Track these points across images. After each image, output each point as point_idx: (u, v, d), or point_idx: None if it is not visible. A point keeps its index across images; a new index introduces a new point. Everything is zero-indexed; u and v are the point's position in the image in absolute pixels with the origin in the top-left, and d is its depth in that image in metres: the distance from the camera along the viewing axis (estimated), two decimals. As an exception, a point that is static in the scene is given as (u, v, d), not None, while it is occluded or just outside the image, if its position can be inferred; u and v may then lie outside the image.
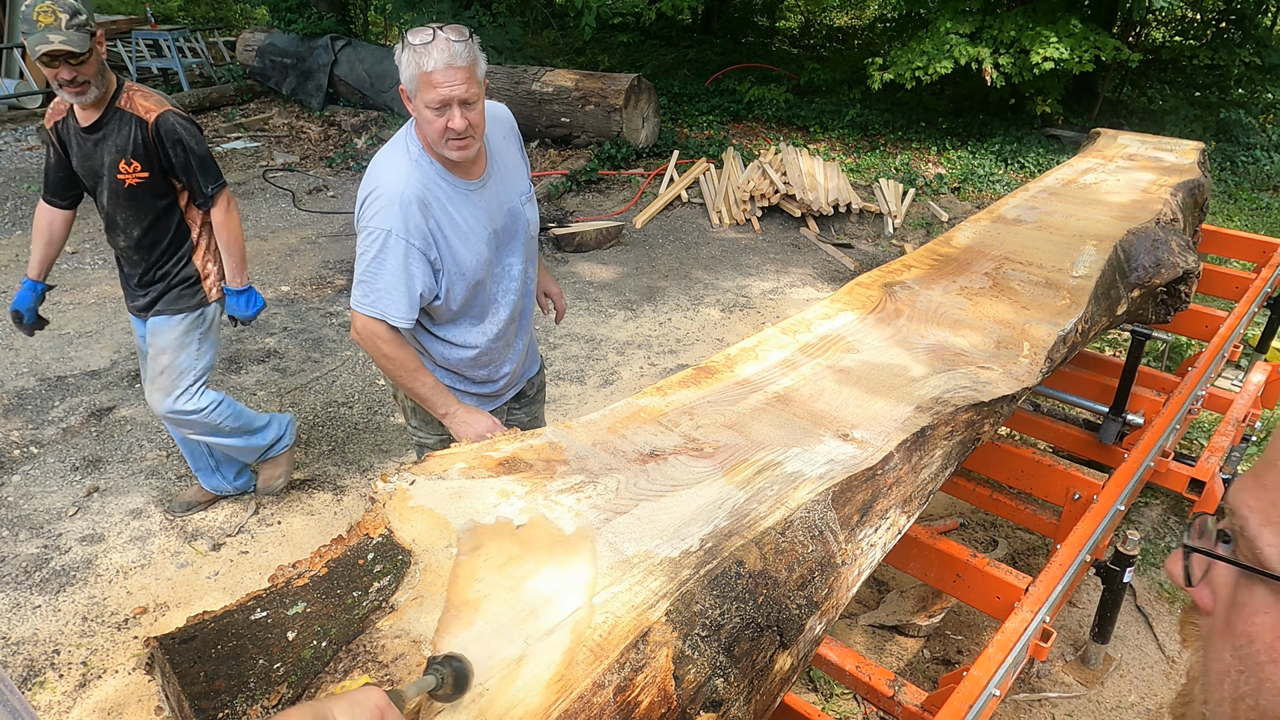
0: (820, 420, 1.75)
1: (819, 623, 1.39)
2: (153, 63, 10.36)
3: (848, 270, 6.06)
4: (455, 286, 2.12)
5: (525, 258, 2.30)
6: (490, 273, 2.19)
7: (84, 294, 5.23)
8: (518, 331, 2.38)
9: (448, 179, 2.06)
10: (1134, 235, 2.82)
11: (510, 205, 2.20)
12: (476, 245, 2.11)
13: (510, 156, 2.24)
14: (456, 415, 2.15)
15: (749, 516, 1.41)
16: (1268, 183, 8.28)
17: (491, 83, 8.34)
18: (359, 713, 0.78)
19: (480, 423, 2.15)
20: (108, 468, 3.62)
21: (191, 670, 1.10)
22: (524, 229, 2.26)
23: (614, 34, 12.97)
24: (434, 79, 1.88)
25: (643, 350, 4.84)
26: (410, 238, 1.98)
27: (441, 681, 1.02)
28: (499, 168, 2.18)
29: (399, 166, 2.02)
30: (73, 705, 2.53)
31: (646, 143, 8.21)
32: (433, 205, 2.02)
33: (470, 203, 2.09)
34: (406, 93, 1.96)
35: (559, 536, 1.33)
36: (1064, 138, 8.88)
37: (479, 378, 2.34)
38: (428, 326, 2.22)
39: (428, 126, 1.95)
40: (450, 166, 2.06)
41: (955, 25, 7.89)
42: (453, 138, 1.95)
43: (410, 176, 2.00)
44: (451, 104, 1.90)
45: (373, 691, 0.81)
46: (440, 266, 2.07)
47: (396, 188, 1.98)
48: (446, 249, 2.06)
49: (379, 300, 2.02)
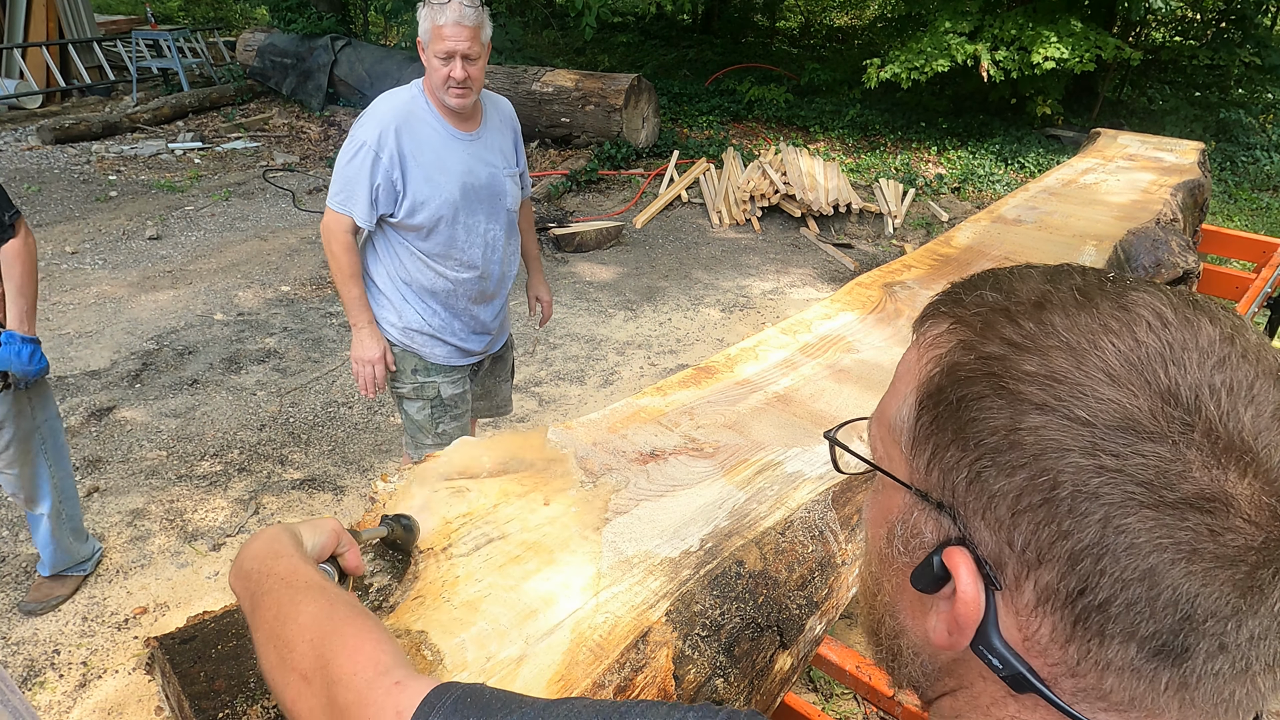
0: (821, 420, 1.75)
1: (819, 623, 1.39)
2: (153, 63, 10.37)
3: (848, 270, 6.06)
4: (418, 213, 2.36)
5: (501, 226, 2.54)
6: (456, 217, 2.42)
7: (84, 294, 5.23)
8: (492, 293, 2.61)
9: (439, 120, 2.36)
10: (1134, 235, 2.82)
11: (493, 170, 2.46)
12: (445, 184, 2.36)
13: (502, 139, 2.52)
14: (360, 331, 2.48)
15: (749, 516, 1.41)
16: (1268, 183, 8.28)
17: (492, 82, 8.35)
18: (320, 531, 0.92)
19: (373, 349, 2.48)
20: (108, 468, 3.62)
21: (191, 670, 1.10)
22: (501, 197, 2.50)
23: (614, 34, 12.97)
24: (444, 32, 2.19)
25: (643, 350, 4.84)
26: (380, 150, 2.28)
27: (391, 532, 1.18)
28: (490, 136, 2.47)
29: (395, 97, 2.36)
30: (73, 705, 2.52)
31: (646, 143, 8.21)
32: (410, 133, 2.31)
33: (453, 148, 2.38)
34: (421, 43, 2.27)
35: (558, 537, 1.33)
36: (1064, 138, 8.89)
37: (444, 322, 2.55)
38: (411, 244, 2.46)
39: (434, 74, 2.27)
40: (446, 115, 2.37)
41: (955, 25, 7.89)
42: (453, 85, 2.26)
43: (399, 106, 2.32)
44: (455, 56, 2.21)
45: (331, 520, 0.95)
46: (401, 187, 2.33)
47: (382, 110, 2.32)
48: (412, 174, 2.32)
49: (347, 200, 2.32)
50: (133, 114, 8.93)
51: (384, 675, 0.66)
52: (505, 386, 2.94)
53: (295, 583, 0.78)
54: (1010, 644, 0.47)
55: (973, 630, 0.48)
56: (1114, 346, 0.45)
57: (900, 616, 0.56)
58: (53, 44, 9.79)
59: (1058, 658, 0.46)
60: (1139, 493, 0.42)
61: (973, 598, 0.47)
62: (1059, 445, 0.44)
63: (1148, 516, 0.42)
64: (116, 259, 5.79)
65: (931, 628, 0.51)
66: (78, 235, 6.16)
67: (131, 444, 3.79)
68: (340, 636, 0.71)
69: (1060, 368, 0.45)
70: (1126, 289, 0.49)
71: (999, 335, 0.48)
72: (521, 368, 4.56)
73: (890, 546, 0.55)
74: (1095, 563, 0.43)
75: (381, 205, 2.34)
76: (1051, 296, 0.49)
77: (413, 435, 2.71)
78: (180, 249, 6.04)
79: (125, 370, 4.38)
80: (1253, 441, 0.42)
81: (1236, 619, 0.43)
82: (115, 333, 4.77)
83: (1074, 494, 0.43)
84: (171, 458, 3.70)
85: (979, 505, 0.47)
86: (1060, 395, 0.45)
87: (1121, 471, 0.43)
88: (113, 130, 8.63)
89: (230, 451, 3.76)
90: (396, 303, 2.50)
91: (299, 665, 0.70)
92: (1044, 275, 0.51)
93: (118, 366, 4.42)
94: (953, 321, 0.52)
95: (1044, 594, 0.46)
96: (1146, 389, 0.44)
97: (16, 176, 7.28)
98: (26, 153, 7.94)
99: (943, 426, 0.49)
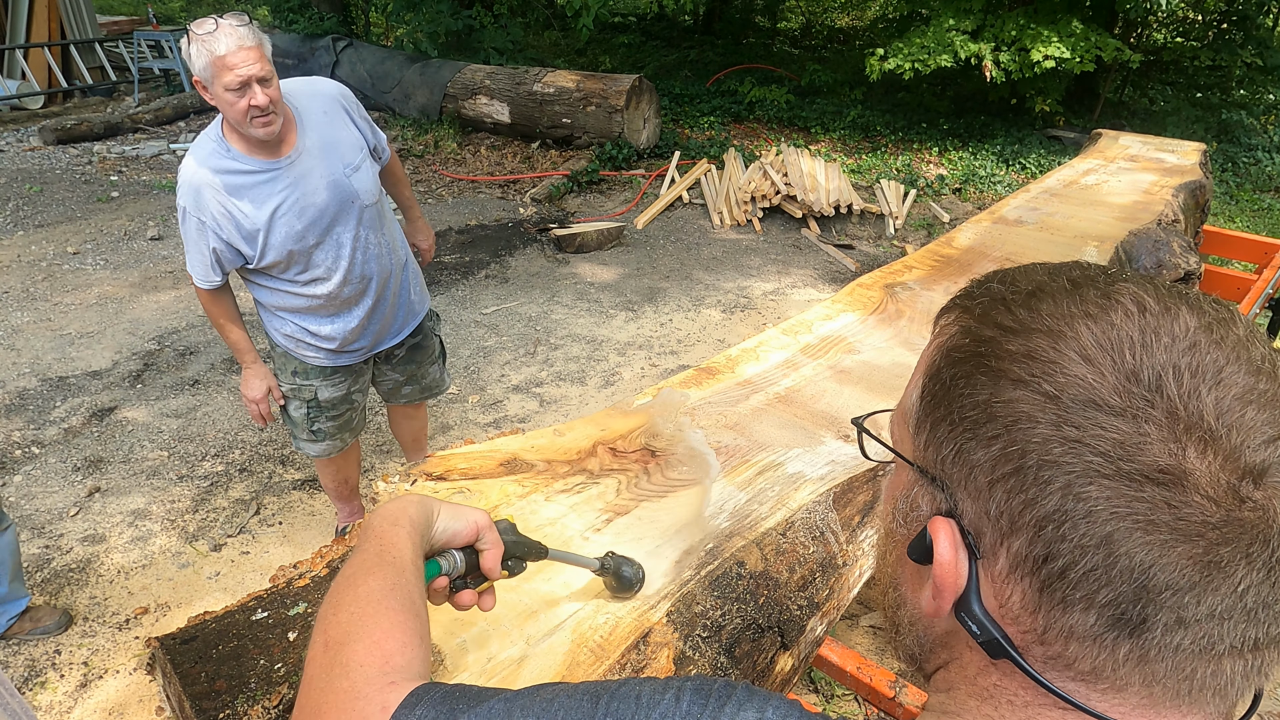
0: (822, 421, 1.75)
1: (820, 624, 1.39)
2: (155, 63, 10.37)
3: (849, 271, 6.06)
4: (265, 256, 2.29)
5: (366, 227, 2.43)
6: (306, 244, 2.32)
7: (85, 294, 5.23)
8: (365, 295, 2.51)
9: (246, 162, 2.19)
10: (1135, 236, 2.82)
11: (332, 178, 2.32)
12: (281, 223, 2.25)
13: (333, 131, 2.34)
14: (247, 370, 2.55)
15: (750, 517, 1.41)
16: (1269, 184, 8.27)
17: (492, 83, 8.35)
18: (459, 518, 0.87)
19: (257, 387, 2.56)
20: (109, 468, 3.63)
21: (192, 670, 1.10)
22: (351, 201, 2.37)
23: (615, 35, 12.97)
24: (228, 61, 2.02)
25: (644, 351, 4.84)
26: (201, 214, 2.19)
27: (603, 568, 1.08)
28: (315, 144, 2.29)
29: (200, 150, 2.20)
30: (74, 705, 2.53)
31: (648, 143, 8.21)
32: (223, 188, 2.18)
33: (275, 182, 2.22)
34: (202, 83, 2.09)
35: (559, 537, 1.33)
36: (1065, 139, 8.88)
37: (324, 333, 2.50)
38: (270, 278, 2.41)
39: (230, 110, 2.08)
40: (251, 149, 2.19)
41: (958, 22, 7.88)
42: (256, 115, 2.08)
43: (205, 161, 2.17)
44: (250, 82, 2.04)
45: (482, 514, 0.89)
46: (240, 244, 2.25)
47: (187, 174, 2.18)
48: (244, 229, 2.22)
49: (193, 265, 2.31)
50: (135, 114, 8.94)
51: (384, 675, 0.67)
52: (433, 369, 2.92)
53: (385, 554, 0.78)
54: (989, 611, 0.49)
55: (952, 596, 0.50)
56: (1089, 330, 0.47)
57: (901, 588, 0.59)
58: (55, 44, 9.80)
59: (1028, 625, 0.48)
60: (1098, 462, 0.44)
61: (949, 562, 0.50)
62: (1029, 417, 0.46)
63: (1106, 486, 0.44)
64: (118, 259, 5.80)
65: (924, 598, 0.54)
66: (79, 235, 6.16)
67: (133, 444, 3.79)
68: (374, 624, 0.71)
69: (1038, 346, 0.48)
70: (1116, 280, 0.51)
71: (994, 321, 0.51)
72: (522, 368, 4.56)
73: (894, 521, 0.58)
74: (1057, 529, 0.45)
75: (227, 263, 2.30)
76: (1046, 286, 0.52)
77: (290, 430, 2.77)
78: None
79: (127, 370, 4.38)
80: (1214, 422, 0.44)
81: (1195, 593, 0.44)
82: (117, 333, 4.77)
83: (1039, 463, 0.46)
84: (173, 458, 3.70)
85: (962, 476, 0.50)
86: (1034, 372, 0.47)
87: (1082, 442, 0.45)
88: (114, 131, 8.64)
89: (231, 452, 3.77)
90: (275, 321, 2.53)
91: (330, 630, 0.72)
92: (1047, 269, 0.54)
93: (119, 367, 4.42)
94: (960, 312, 0.55)
95: (1015, 561, 0.48)
96: (1113, 368, 0.46)
97: (19, 177, 7.29)
98: (28, 153, 7.95)
99: (937, 404, 0.52)
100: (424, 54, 9.26)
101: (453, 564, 0.86)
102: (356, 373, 2.69)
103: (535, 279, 5.75)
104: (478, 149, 8.45)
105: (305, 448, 2.75)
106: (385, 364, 2.80)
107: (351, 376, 2.68)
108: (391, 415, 3.14)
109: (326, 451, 2.77)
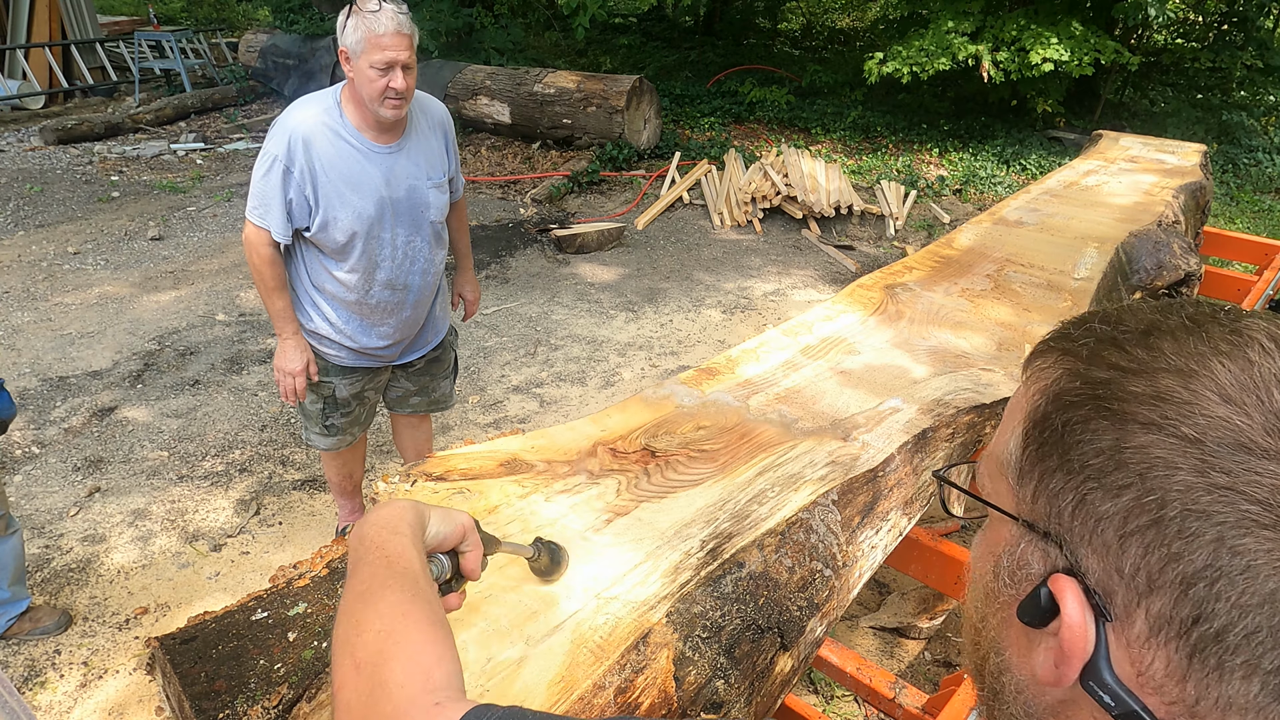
0: (822, 420, 1.75)
1: (820, 624, 1.39)
2: (155, 64, 10.38)
3: (849, 272, 6.06)
4: (330, 229, 2.30)
5: (424, 239, 2.48)
6: (371, 233, 2.35)
7: (86, 294, 5.24)
8: (405, 303, 2.54)
9: (353, 135, 2.26)
10: (1136, 237, 2.82)
11: (413, 182, 2.38)
12: (359, 201, 2.29)
13: (430, 144, 2.43)
14: (285, 342, 2.45)
15: (750, 518, 1.41)
16: (1270, 185, 8.28)
17: (493, 84, 8.35)
18: (449, 522, 0.88)
19: (296, 359, 2.46)
20: (109, 468, 3.63)
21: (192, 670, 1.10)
22: (423, 210, 2.44)
23: (615, 35, 12.98)
24: (383, 42, 2.11)
25: (644, 352, 4.84)
26: (290, 165, 2.21)
27: (538, 555, 1.14)
28: (414, 147, 2.38)
29: (306, 108, 2.25)
30: (74, 705, 2.53)
31: (648, 144, 8.21)
32: (321, 148, 2.22)
33: (369, 161, 2.29)
34: (348, 53, 2.17)
35: (560, 538, 1.33)
36: (1065, 140, 8.88)
37: (350, 331, 2.51)
38: (319, 254, 2.41)
39: (368, 85, 2.15)
40: (362, 125, 2.26)
41: (958, 24, 7.89)
42: (391, 97, 2.16)
43: (310, 118, 2.22)
44: (395, 66, 2.12)
45: (465, 515, 0.91)
46: (312, 204, 2.26)
47: (292, 122, 2.21)
48: (324, 190, 2.25)
49: (265, 214, 2.26)
50: (135, 115, 8.94)
51: (428, 694, 0.65)
52: (444, 384, 2.98)
53: (395, 566, 0.77)
54: (1123, 679, 0.45)
55: (1080, 664, 0.46)
56: (1225, 368, 0.44)
57: (1005, 653, 0.54)
58: (55, 45, 9.80)
59: (1175, 695, 0.43)
60: (1254, 511, 0.40)
61: (1079, 625, 0.45)
62: (1166, 463, 0.43)
63: (1265, 537, 0.40)
64: (119, 259, 5.80)
65: (1038, 663, 0.49)
66: (80, 236, 6.17)
67: (133, 444, 3.79)
68: (405, 639, 0.70)
69: (1168, 387, 0.44)
70: (1240, 316, 0.48)
71: (1106, 361, 0.48)
72: (522, 369, 4.56)
73: (996, 580, 0.54)
74: (1209, 586, 0.41)
75: (296, 219, 2.30)
76: (1161, 324, 0.48)
77: (302, 422, 2.78)
78: (182, 249, 6.05)
79: (127, 370, 4.38)
80: None
81: None
82: (117, 333, 4.77)
83: (1183, 513, 0.42)
84: (173, 458, 3.71)
85: (1085, 530, 0.46)
86: (1168, 414, 0.43)
87: (1234, 489, 0.41)
88: (115, 131, 8.64)
89: (232, 452, 3.77)
90: (307, 305, 2.51)
91: (357, 651, 0.70)
92: (1154, 308, 0.51)
93: (119, 367, 4.43)
94: (1060, 354, 0.52)
95: (1156, 623, 0.43)
96: (1259, 408, 0.42)
97: (19, 177, 7.29)
98: (29, 153, 7.96)
99: (1048, 453, 0.49)
100: (424, 54, 9.26)
101: (442, 568, 0.87)
102: (374, 373, 2.72)
103: (535, 279, 5.75)
104: (478, 149, 8.46)
105: (315, 441, 2.77)
106: (401, 372, 2.83)
107: (369, 376, 2.71)
108: (395, 425, 3.15)
109: (336, 446, 2.79)
